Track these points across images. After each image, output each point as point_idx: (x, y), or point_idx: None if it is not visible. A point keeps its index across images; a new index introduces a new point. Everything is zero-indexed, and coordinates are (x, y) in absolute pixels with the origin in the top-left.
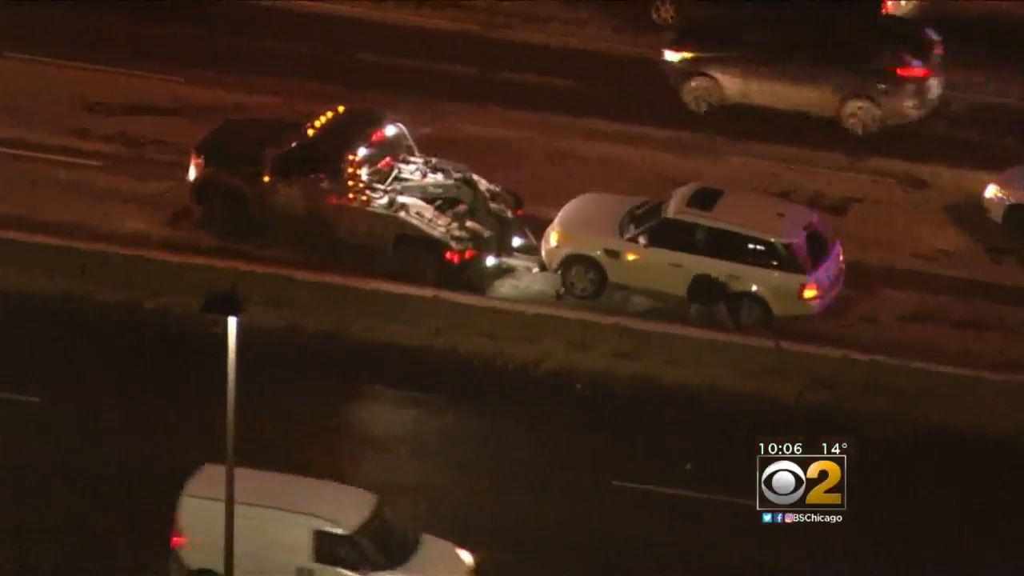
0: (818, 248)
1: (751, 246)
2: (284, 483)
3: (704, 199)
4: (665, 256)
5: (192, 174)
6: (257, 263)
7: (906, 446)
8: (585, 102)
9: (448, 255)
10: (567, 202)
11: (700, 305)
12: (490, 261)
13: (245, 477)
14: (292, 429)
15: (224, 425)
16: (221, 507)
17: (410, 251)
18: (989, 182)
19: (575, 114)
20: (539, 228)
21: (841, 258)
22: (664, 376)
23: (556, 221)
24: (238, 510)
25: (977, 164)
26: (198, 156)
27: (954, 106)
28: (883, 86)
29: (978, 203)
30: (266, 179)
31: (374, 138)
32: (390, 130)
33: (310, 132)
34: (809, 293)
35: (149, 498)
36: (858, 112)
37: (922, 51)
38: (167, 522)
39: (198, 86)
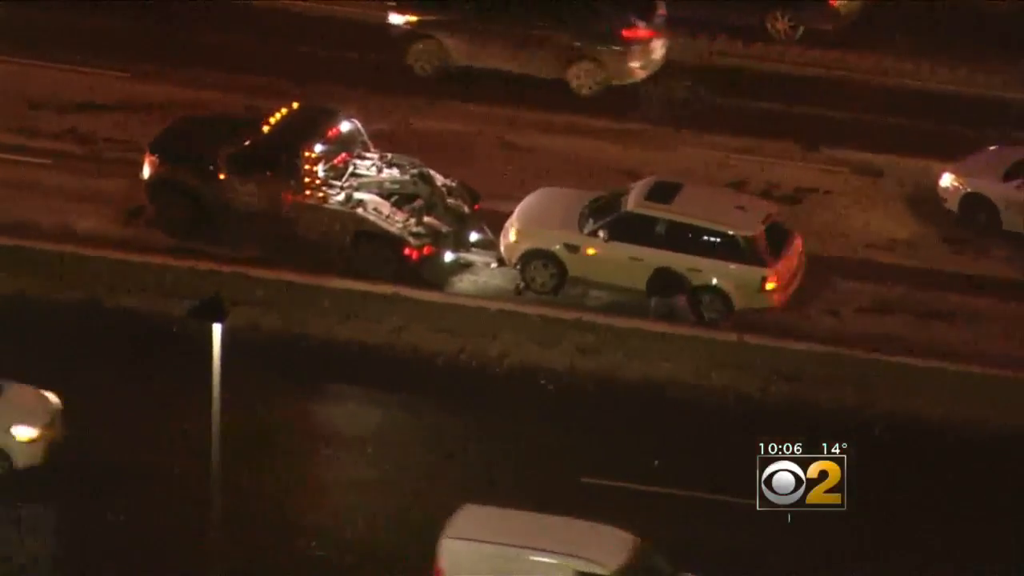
0: (778, 240)
1: (712, 239)
2: (542, 523)
3: (663, 192)
4: (625, 250)
5: (146, 172)
6: (215, 262)
7: (873, 438)
8: (531, 93)
9: (407, 251)
10: (520, 196)
11: (659, 298)
12: (448, 257)
13: (501, 517)
14: (255, 429)
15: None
16: (482, 548)
17: (368, 247)
18: (942, 170)
19: (521, 106)
20: (494, 223)
21: (801, 250)
22: (627, 371)
23: (514, 217)
24: (498, 551)
25: (929, 153)
26: (152, 154)
27: (903, 95)
28: (608, 48)
29: (933, 192)
30: (222, 177)
31: (330, 134)
32: (345, 126)
33: (265, 129)
34: (770, 286)
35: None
36: (583, 74)
37: (646, 13)
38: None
39: (145, 81)
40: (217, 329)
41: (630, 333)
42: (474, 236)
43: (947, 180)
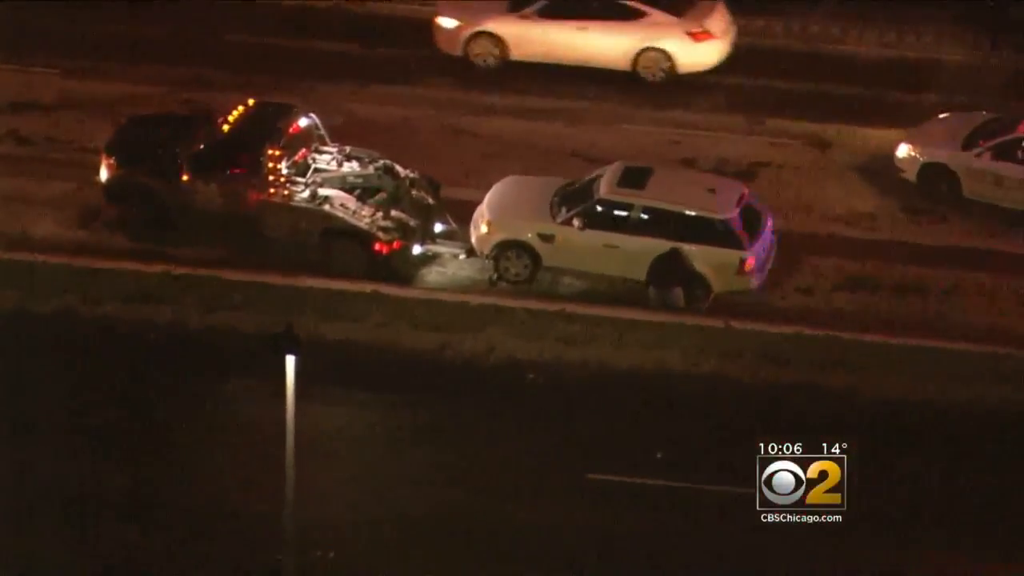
0: (752, 221)
1: (688, 223)
2: None
3: (634, 178)
4: (600, 237)
5: (103, 175)
6: (189, 266)
7: (867, 420)
8: (472, 74)
9: (377, 246)
10: (474, 182)
11: (659, 287)
12: (416, 250)
13: None
14: (240, 434)
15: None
16: None
17: (338, 244)
18: (891, 138)
19: (464, 88)
20: (454, 211)
21: (773, 230)
22: (615, 361)
23: (484, 208)
24: None
25: (873, 120)
26: (109, 156)
27: (835, 62)
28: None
29: (885, 161)
30: (184, 178)
31: (290, 130)
32: (303, 121)
33: (225, 128)
34: (749, 268)
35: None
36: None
37: None
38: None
39: (77, 78)
40: (291, 361)
41: (615, 323)
42: (439, 227)
43: (904, 151)
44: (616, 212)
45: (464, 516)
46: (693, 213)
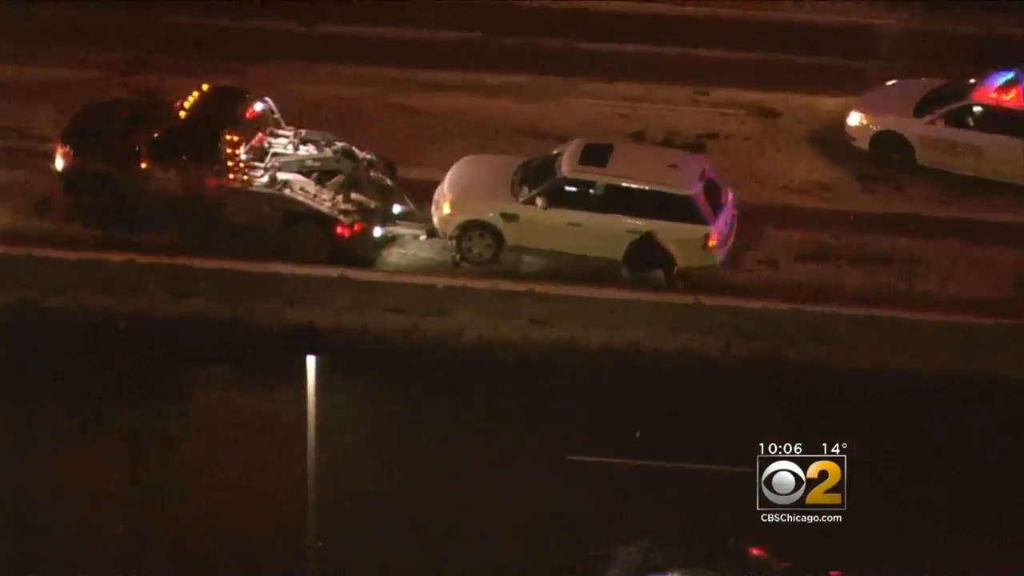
0: (714, 196)
1: (652, 200)
2: None
3: (595, 155)
4: (564, 216)
5: (59, 164)
6: (153, 254)
7: (841, 392)
8: (414, 51)
9: (338, 230)
10: (428, 161)
11: (637, 271)
12: (377, 232)
13: None
14: (212, 422)
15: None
16: None
17: (299, 228)
18: (838, 106)
19: (408, 65)
20: (409, 191)
21: (734, 203)
22: (586, 340)
23: (445, 188)
24: None
25: (817, 88)
26: (64, 145)
27: (773, 30)
28: None
29: (835, 129)
30: (143, 165)
31: (247, 115)
32: (258, 106)
33: (181, 113)
34: (713, 242)
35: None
36: None
37: None
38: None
39: (14, 64)
40: (312, 361)
41: (584, 302)
42: (398, 209)
43: (855, 119)
44: (579, 190)
45: (444, 499)
46: (656, 189)
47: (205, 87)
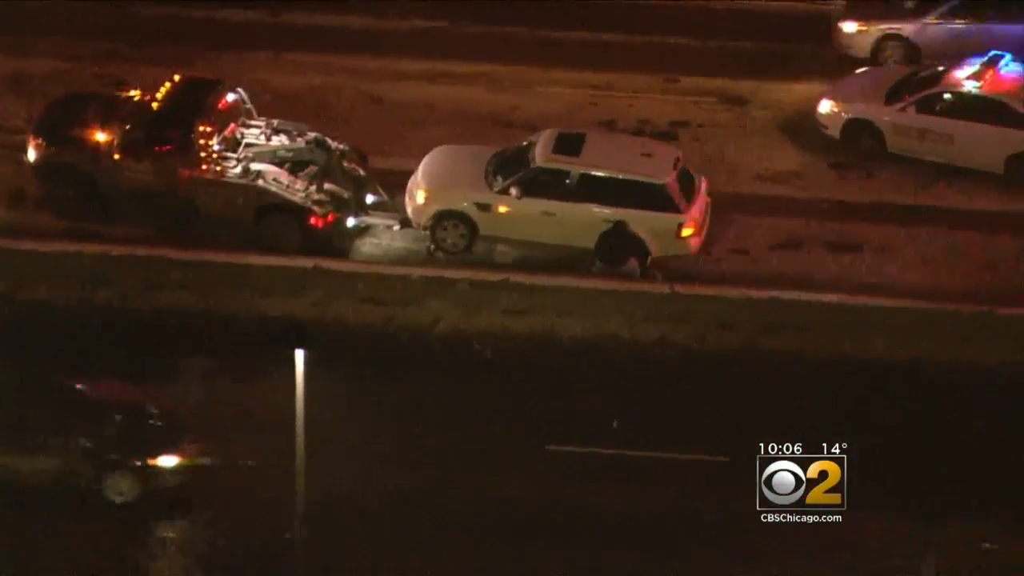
0: (687, 185)
1: (626, 189)
2: None
3: (568, 145)
4: (538, 205)
5: (32, 155)
6: (127, 245)
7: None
8: (381, 40)
9: (312, 220)
10: (399, 150)
11: (610, 261)
12: (350, 222)
13: None
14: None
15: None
16: None
17: (273, 219)
18: (806, 93)
19: (376, 54)
20: (380, 181)
21: (707, 192)
22: (562, 330)
23: (419, 178)
24: None
25: (784, 74)
26: (37, 137)
27: (734, 16)
28: None
29: (804, 116)
30: (116, 157)
31: (219, 106)
32: (230, 96)
33: (154, 105)
34: (687, 232)
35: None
36: None
37: None
38: None
39: None
40: (300, 355)
41: (559, 291)
42: (371, 199)
43: (826, 106)
44: (553, 179)
45: (425, 491)
46: (631, 178)
47: (177, 78)
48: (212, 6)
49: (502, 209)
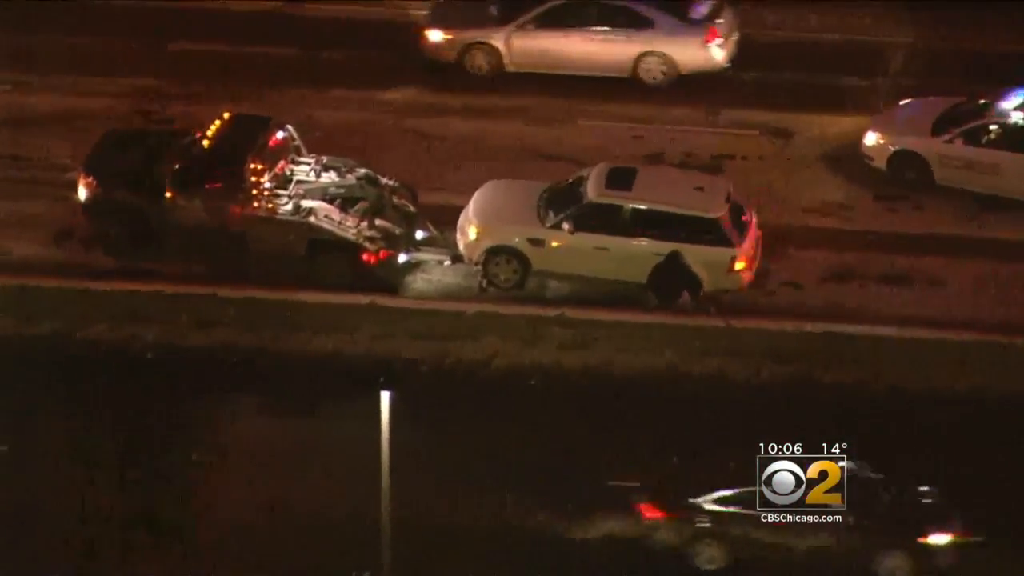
0: (738, 218)
1: (679, 223)
2: None
3: (620, 179)
4: (591, 240)
5: (83, 194)
6: (182, 283)
7: (880, 414)
8: (420, 74)
9: (364, 257)
10: (447, 185)
11: (664, 293)
12: (402, 258)
13: None
14: (245, 456)
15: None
16: None
17: (324, 256)
18: (850, 125)
19: (418, 89)
20: (430, 216)
21: (757, 225)
22: (618, 365)
23: (470, 214)
24: None
25: (829, 107)
26: (87, 175)
27: (779, 48)
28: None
29: (849, 148)
30: (168, 195)
31: (270, 143)
32: (280, 133)
33: (205, 142)
34: (739, 265)
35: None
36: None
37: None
38: None
39: (27, 92)
40: (385, 397)
41: (615, 326)
42: (421, 234)
43: (872, 138)
44: (605, 214)
45: (486, 527)
46: (684, 213)
47: (227, 115)
48: (246, 44)
49: (554, 244)
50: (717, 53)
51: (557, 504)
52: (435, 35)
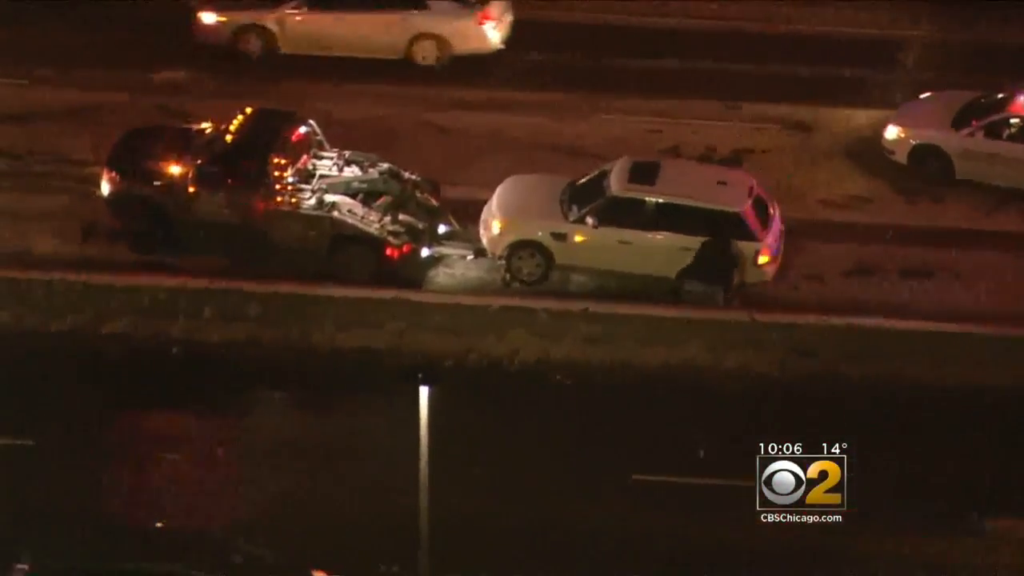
0: (762, 212)
1: (703, 217)
2: None
3: (644, 173)
4: (614, 235)
5: (106, 189)
6: (205, 278)
7: (904, 407)
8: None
9: (388, 251)
10: (466, 180)
11: (698, 283)
12: (425, 253)
13: None
14: (269, 448)
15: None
16: None
17: (348, 251)
18: (869, 118)
19: (432, 83)
20: (451, 211)
21: (780, 219)
22: (642, 359)
23: (493, 208)
24: None
25: (848, 100)
26: (111, 170)
27: (797, 42)
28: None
29: (869, 142)
30: (191, 190)
31: (292, 138)
32: (303, 128)
33: (228, 137)
34: (763, 259)
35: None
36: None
37: None
38: None
39: (45, 87)
40: (424, 392)
41: (638, 320)
42: (443, 229)
43: (893, 132)
44: (629, 208)
45: (513, 521)
46: (707, 207)
47: (249, 110)
48: None
49: (578, 239)
50: (492, 34)
51: (583, 498)
52: (208, 17)
